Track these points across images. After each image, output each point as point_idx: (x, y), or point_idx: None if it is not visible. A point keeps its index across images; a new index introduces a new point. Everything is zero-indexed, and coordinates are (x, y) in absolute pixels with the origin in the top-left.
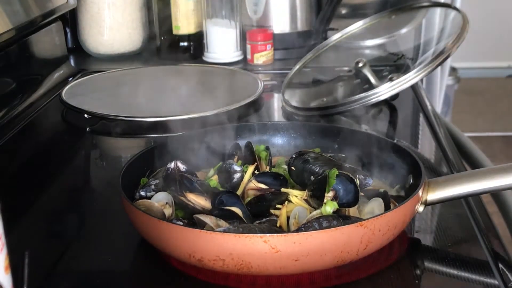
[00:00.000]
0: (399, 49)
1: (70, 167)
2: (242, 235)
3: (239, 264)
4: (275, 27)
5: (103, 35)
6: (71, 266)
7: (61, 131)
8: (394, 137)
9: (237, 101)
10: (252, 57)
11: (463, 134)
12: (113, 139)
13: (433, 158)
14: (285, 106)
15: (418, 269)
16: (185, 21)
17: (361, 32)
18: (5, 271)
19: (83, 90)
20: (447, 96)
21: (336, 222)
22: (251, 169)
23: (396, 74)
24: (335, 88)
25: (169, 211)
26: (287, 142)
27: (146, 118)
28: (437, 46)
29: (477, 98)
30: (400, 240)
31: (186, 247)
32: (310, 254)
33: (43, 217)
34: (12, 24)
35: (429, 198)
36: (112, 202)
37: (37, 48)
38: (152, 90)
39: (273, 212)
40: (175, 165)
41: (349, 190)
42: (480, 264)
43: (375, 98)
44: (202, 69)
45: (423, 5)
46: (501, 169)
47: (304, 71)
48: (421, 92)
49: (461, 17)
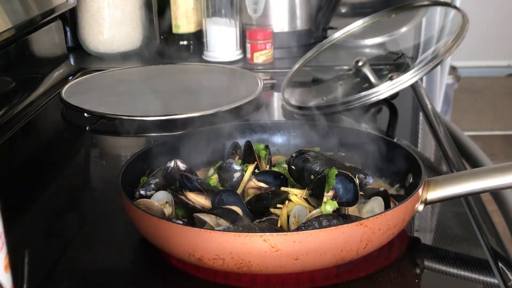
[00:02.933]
0: (399, 48)
1: (70, 166)
2: (242, 234)
3: (239, 263)
4: (275, 26)
5: (103, 34)
6: (71, 265)
7: (61, 130)
8: (394, 136)
9: (237, 100)
10: (252, 56)
11: (463, 133)
12: (113, 138)
13: (433, 157)
14: (285, 105)
15: (418, 268)
16: (185, 20)
17: (361, 31)
18: (5, 270)
19: (83, 89)
20: (447, 95)
21: (336, 221)
22: (251, 168)
23: (396, 73)
24: (335, 87)
25: (169, 210)
26: (287, 141)
27: (146, 117)
28: (437, 45)
29: (477, 97)
30: (400, 239)
31: (186, 246)
32: (310, 253)
33: (43, 216)
34: (12, 23)
35: (429, 197)
36: (112, 201)
37: (36, 47)
38: (151, 89)
39: (273, 211)
40: (175, 164)
41: (348, 189)
42: (479, 263)
43: (375, 97)
44: (202, 68)
45: (423, 4)
46: (501, 168)
47: (304, 70)
48: (421, 91)
49: (461, 16)
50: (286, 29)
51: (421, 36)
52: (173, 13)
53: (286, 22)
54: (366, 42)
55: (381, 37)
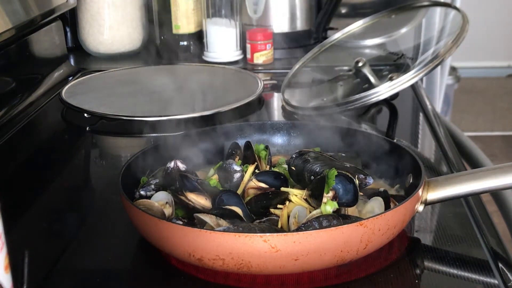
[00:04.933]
0: (399, 49)
1: (70, 166)
2: (242, 235)
3: (239, 263)
4: (275, 27)
5: (103, 35)
6: (71, 265)
7: (61, 131)
8: (394, 136)
9: (237, 101)
10: (252, 56)
11: (463, 134)
12: (113, 138)
13: (433, 157)
14: (285, 106)
15: (418, 269)
16: (185, 20)
17: (361, 31)
18: (5, 270)
19: (83, 89)
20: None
21: (336, 221)
22: (251, 168)
23: (396, 73)
24: (335, 88)
25: (169, 211)
26: (287, 141)
27: (146, 118)
28: (437, 45)
29: (477, 97)
30: (400, 240)
31: (186, 246)
32: (310, 254)
33: (43, 216)
34: (12, 24)
35: (429, 197)
36: (112, 201)
37: (37, 47)
38: (151, 90)
39: (273, 212)
40: (175, 165)
41: (348, 189)
42: (479, 263)
43: (375, 97)
44: (202, 68)
45: (423, 4)
46: (501, 169)
47: (304, 71)
48: (421, 92)
49: (461, 16)
50: (286, 30)
51: (421, 36)
52: (173, 13)
53: (286, 22)
54: (366, 42)
55: (381, 38)
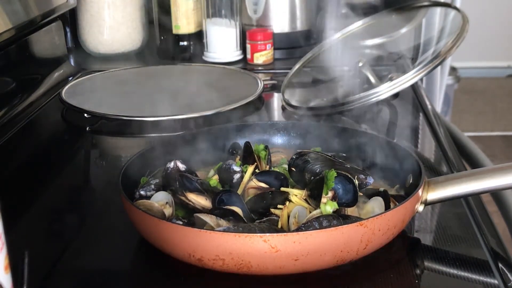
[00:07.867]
0: (399, 49)
1: (70, 167)
2: (242, 235)
3: (239, 263)
4: (275, 27)
5: (103, 35)
6: (71, 265)
7: (61, 131)
8: (394, 136)
9: (237, 101)
10: (252, 56)
11: (463, 134)
12: (113, 139)
13: (433, 157)
14: (285, 106)
15: (418, 269)
16: (185, 21)
17: (361, 31)
18: (5, 270)
19: (83, 89)
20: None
21: (336, 221)
22: (251, 169)
23: (396, 73)
24: (335, 88)
25: (169, 211)
26: (287, 141)
27: (146, 118)
28: (437, 45)
29: (477, 97)
30: (400, 240)
31: (186, 246)
32: (310, 254)
33: (43, 216)
34: (12, 24)
35: (429, 197)
36: (112, 201)
37: (37, 47)
38: (152, 90)
39: (273, 212)
40: (175, 165)
41: (348, 189)
42: (480, 263)
43: (375, 97)
44: (202, 68)
45: (423, 4)
46: (501, 169)
47: (304, 71)
48: (421, 92)
49: (461, 16)
50: (286, 30)
51: (421, 36)
52: (173, 13)
53: (286, 22)
54: (366, 42)
55: (381, 38)
